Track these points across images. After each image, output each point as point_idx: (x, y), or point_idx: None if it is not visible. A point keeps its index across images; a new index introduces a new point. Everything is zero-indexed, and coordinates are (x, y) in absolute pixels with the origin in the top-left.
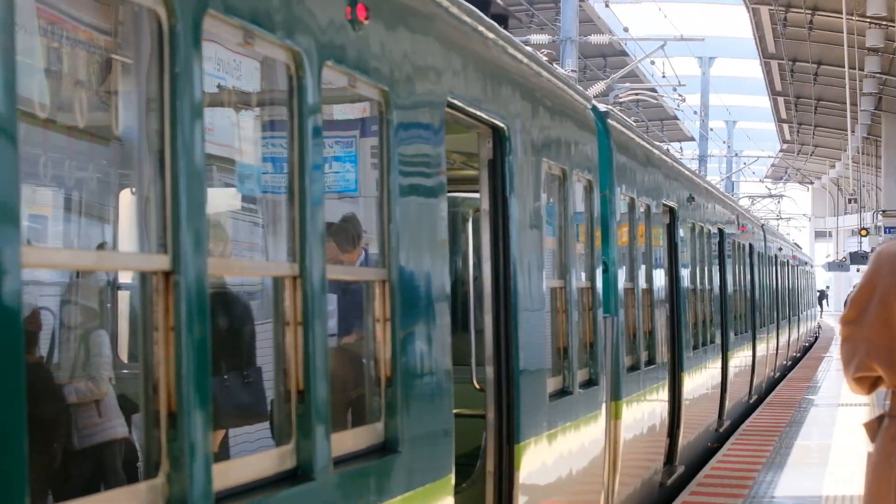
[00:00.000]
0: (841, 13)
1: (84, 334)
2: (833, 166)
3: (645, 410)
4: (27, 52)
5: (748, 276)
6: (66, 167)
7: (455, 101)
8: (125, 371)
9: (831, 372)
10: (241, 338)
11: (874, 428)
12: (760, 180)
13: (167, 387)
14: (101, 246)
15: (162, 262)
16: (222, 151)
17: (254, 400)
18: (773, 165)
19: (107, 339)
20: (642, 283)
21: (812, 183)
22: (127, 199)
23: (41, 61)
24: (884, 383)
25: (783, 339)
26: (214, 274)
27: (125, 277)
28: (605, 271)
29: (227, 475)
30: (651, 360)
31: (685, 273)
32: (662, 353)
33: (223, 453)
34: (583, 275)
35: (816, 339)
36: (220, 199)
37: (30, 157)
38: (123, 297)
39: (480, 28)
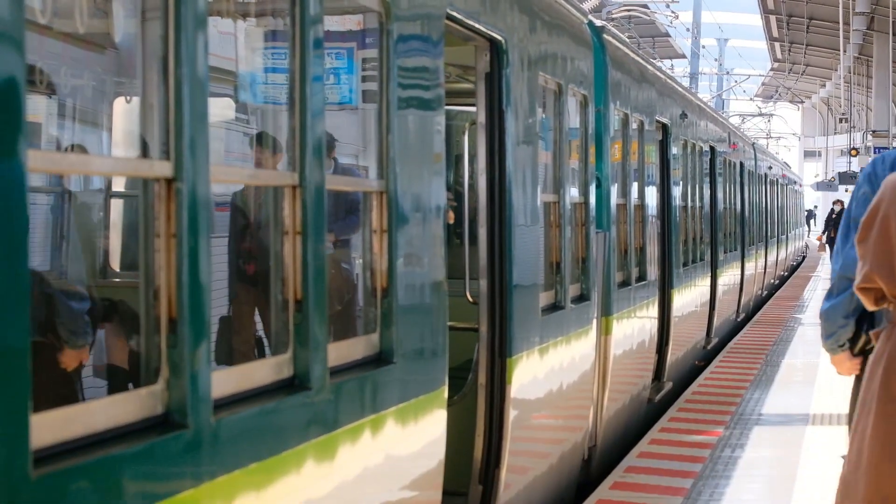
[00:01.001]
0: None
1: None
2: (824, 86)
3: (635, 326)
4: None
5: (738, 195)
6: (62, 74)
7: (454, 13)
8: (117, 280)
9: (818, 291)
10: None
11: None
12: (751, 99)
13: (168, 293)
14: (70, 148)
15: (164, 168)
16: (223, 63)
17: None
18: (763, 84)
19: None
20: (634, 200)
21: (802, 102)
22: (122, 108)
23: None
24: (887, 301)
25: (771, 257)
26: (216, 181)
27: (118, 186)
28: (598, 187)
29: (226, 383)
30: (642, 277)
31: (676, 190)
32: (653, 269)
33: (222, 361)
34: (576, 190)
35: (804, 258)
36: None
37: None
38: (116, 206)
39: None
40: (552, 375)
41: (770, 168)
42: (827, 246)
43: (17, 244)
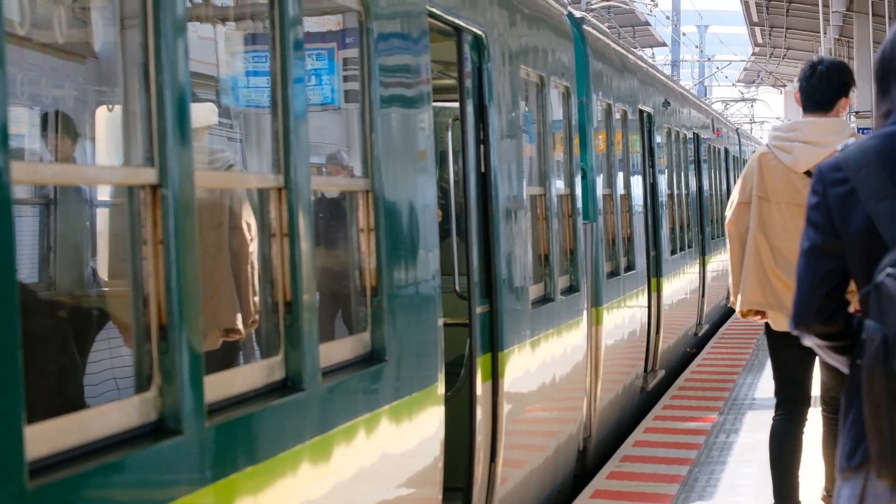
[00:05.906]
0: None
1: None
2: None
3: (625, 316)
4: None
5: (724, 181)
6: (43, 85)
7: (434, 10)
8: (105, 289)
9: None
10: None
11: None
12: (733, 84)
13: (157, 300)
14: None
15: (149, 175)
16: (203, 68)
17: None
18: (745, 69)
19: None
20: (620, 189)
21: (785, 86)
22: (104, 117)
23: None
24: None
25: None
26: (201, 186)
27: (104, 195)
28: (583, 178)
29: (219, 387)
30: (630, 266)
31: (662, 178)
32: (641, 258)
33: (214, 365)
34: (562, 182)
35: None
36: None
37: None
38: (102, 215)
39: None
40: (544, 368)
41: (754, 153)
42: None
43: (3, 253)
